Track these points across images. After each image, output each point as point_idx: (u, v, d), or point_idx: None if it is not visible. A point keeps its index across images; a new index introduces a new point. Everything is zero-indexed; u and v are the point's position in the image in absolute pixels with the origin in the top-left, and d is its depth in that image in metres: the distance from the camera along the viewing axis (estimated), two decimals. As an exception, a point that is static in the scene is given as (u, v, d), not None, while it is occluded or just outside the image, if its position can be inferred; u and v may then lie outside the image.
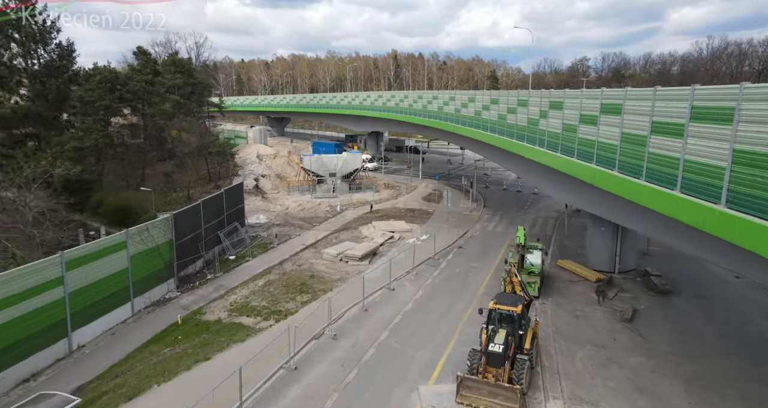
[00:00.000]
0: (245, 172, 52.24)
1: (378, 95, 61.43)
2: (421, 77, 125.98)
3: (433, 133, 48.21)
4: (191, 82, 50.33)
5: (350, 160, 48.70)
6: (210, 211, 27.65)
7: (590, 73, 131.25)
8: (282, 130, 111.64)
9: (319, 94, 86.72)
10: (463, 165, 67.28)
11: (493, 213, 40.12)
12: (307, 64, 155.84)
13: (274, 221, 37.78)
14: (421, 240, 32.39)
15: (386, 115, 58.11)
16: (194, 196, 43.57)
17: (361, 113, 68.01)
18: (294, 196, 47.32)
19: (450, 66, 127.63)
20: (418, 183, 53.11)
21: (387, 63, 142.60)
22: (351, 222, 37.41)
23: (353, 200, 45.56)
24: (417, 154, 72.71)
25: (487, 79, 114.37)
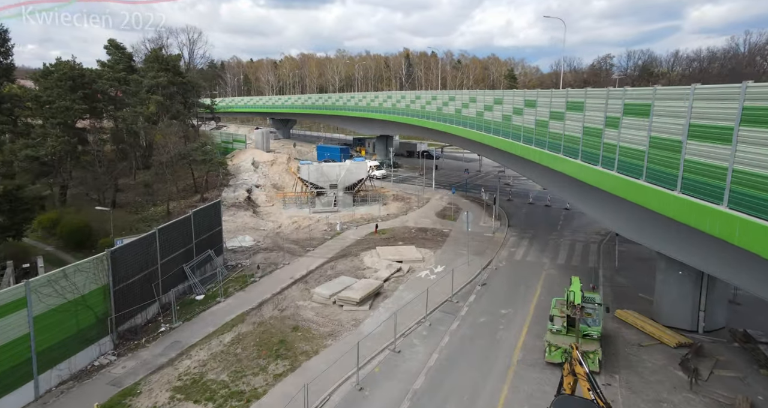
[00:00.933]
0: (237, 182, 46.76)
1: (387, 96, 55.68)
2: (434, 77, 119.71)
3: (449, 140, 42.36)
4: (178, 80, 44.99)
5: (354, 169, 42.88)
6: (171, 240, 22.05)
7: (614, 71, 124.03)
8: (287, 132, 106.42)
9: (324, 95, 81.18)
10: (481, 172, 61.05)
11: (521, 234, 33.94)
12: (316, 64, 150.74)
13: (261, 244, 32.10)
14: (435, 272, 26.43)
15: (395, 118, 52.30)
16: (175, 210, 38.23)
17: (367, 116, 62.24)
18: (290, 210, 41.65)
19: (465, 65, 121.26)
20: (431, 194, 47.10)
21: (398, 62, 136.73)
22: (352, 246, 31.58)
23: (356, 216, 39.75)
24: (430, 160, 66.84)
25: (504, 79, 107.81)
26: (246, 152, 55.91)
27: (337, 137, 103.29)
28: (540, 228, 35.46)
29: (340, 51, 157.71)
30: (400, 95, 51.30)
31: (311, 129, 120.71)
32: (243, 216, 38.16)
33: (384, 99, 56.37)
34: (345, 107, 70.11)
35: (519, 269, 27.14)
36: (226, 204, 40.66)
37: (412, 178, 56.78)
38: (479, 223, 37.09)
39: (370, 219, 38.58)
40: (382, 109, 57.12)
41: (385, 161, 66.20)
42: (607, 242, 31.43)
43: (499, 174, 51.67)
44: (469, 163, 68.06)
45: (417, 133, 52.71)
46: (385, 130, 63.14)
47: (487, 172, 61.47)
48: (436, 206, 42.60)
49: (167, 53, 49.59)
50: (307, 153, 79.04)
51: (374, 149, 78.52)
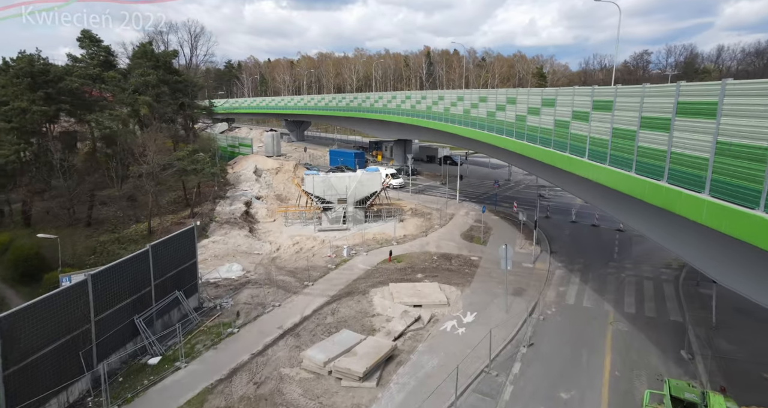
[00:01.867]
0: (235, 194, 41.50)
1: (405, 96, 49.80)
2: (456, 76, 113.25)
3: (479, 148, 36.23)
4: (172, 79, 40.00)
5: (366, 181, 37.11)
6: (115, 287, 16.63)
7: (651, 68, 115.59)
8: (301, 134, 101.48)
9: (338, 95, 75.68)
10: (510, 182, 54.54)
11: (568, 265, 27.60)
12: (333, 63, 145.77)
13: (251, 274, 26.58)
14: (464, 323, 20.43)
15: (415, 121, 46.36)
16: (160, 228, 33.12)
17: (383, 118, 56.39)
18: (292, 228, 36.14)
19: (489, 63, 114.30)
20: (455, 208, 40.99)
21: (419, 61, 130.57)
22: (360, 279, 25.79)
23: (368, 236, 33.98)
24: (453, 166, 60.64)
25: (532, 77, 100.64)
26: (249, 159, 50.73)
27: (353, 140, 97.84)
28: (591, 256, 29.00)
29: (358, 50, 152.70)
30: (420, 95, 45.36)
31: (327, 131, 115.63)
32: (236, 236, 32.76)
33: (402, 100, 50.51)
34: (360, 108, 64.46)
35: (575, 320, 20.88)
36: (219, 220, 35.42)
37: (432, 188, 50.72)
38: (515, 247, 30.83)
39: (384, 241, 32.72)
40: (400, 110, 51.26)
41: (404, 168, 60.29)
42: (685, 280, 24.83)
43: (540, 191, 45.11)
44: (495, 170, 61.61)
45: (440, 139, 46.70)
46: (403, 133, 57.23)
47: (518, 181, 54.95)
48: (462, 224, 36.47)
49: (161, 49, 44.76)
50: (320, 157, 73.77)
51: (392, 153, 72.66)
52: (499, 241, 31.91)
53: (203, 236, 32.51)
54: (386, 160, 70.33)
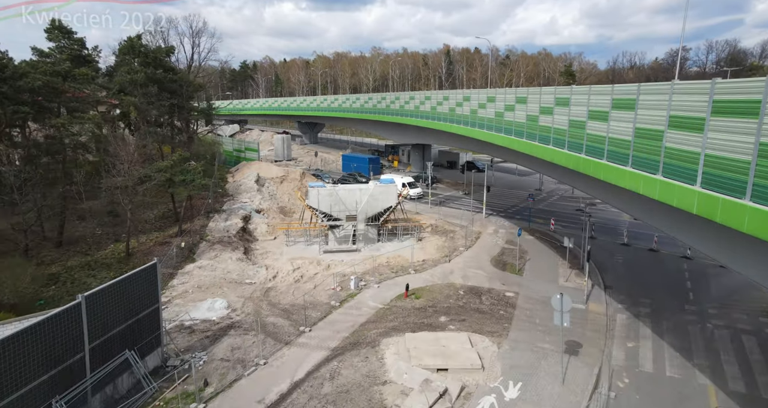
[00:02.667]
0: (233, 206, 36.86)
1: (424, 97, 44.62)
2: (478, 75, 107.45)
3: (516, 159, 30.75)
4: (166, 78, 35.65)
5: (380, 194, 32.06)
6: (19, 362, 11.88)
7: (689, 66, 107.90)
8: (315, 136, 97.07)
9: (352, 96, 70.86)
10: (542, 192, 48.79)
11: (632, 308, 22.03)
12: (349, 63, 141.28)
13: (237, 314, 21.73)
14: (506, 401, 15.15)
15: (435, 124, 41.15)
16: (142, 248, 28.64)
17: (401, 121, 51.27)
18: (294, 248, 31.33)
19: (514, 61, 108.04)
20: (482, 225, 35.63)
21: (438, 60, 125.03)
22: (369, 323, 20.73)
23: (381, 260, 28.95)
24: (476, 172, 55.19)
25: (559, 76, 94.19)
26: (251, 166, 46.10)
27: (368, 143, 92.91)
28: (659, 295, 23.32)
29: (375, 48, 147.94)
30: (441, 96, 40.11)
31: (341, 133, 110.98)
32: (227, 260, 28.02)
33: (421, 101, 45.34)
34: (375, 110, 59.44)
35: (660, 401, 15.37)
36: (210, 239, 30.79)
37: (455, 199, 45.37)
38: (558, 279, 25.38)
39: (399, 268, 27.57)
40: (418, 113, 46.08)
41: (422, 175, 55.06)
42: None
43: (580, 204, 39.36)
44: (523, 178, 55.88)
45: (465, 146, 41.37)
46: (422, 138, 52.01)
47: (550, 192, 49.17)
48: (491, 246, 31.09)
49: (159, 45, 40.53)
50: (332, 162, 69.03)
51: (409, 158, 67.47)
52: (538, 270, 26.52)
53: (189, 260, 27.89)
54: (403, 165, 65.19)
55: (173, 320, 20.34)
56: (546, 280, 25.27)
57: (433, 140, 50.32)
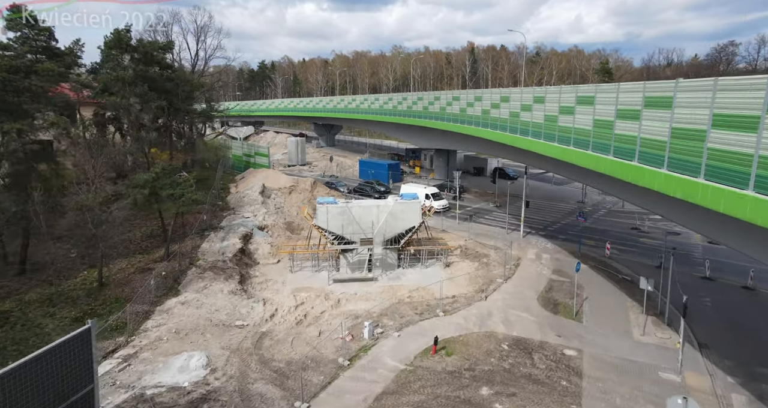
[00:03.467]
0: (233, 223, 32.28)
1: (452, 97, 39.40)
2: (505, 73, 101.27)
3: (569, 173, 25.33)
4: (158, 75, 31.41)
5: (401, 213, 27.05)
6: None
7: (737, 62, 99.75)
8: (332, 139, 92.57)
9: (371, 96, 65.93)
10: (586, 204, 42.93)
11: (749, 385, 16.43)
12: (368, 62, 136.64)
13: (215, 379, 16.94)
14: None
15: (465, 129, 35.93)
16: (114, 280, 24.27)
17: (423, 124, 46.13)
18: (299, 275, 26.62)
19: (544, 58, 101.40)
20: (521, 246, 30.28)
21: (461, 58, 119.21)
22: (387, 395, 15.74)
23: (401, 294, 23.98)
24: (505, 180, 49.65)
25: (595, 74, 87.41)
26: (258, 175, 41.51)
27: (387, 146, 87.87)
28: (770, 360, 17.61)
29: (396, 47, 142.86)
30: (473, 96, 34.83)
31: (360, 135, 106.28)
32: (217, 293, 23.37)
33: (448, 101, 40.13)
34: (395, 112, 54.41)
35: None
36: (201, 264, 26.26)
37: (485, 213, 40.00)
38: (631, 329, 19.89)
39: (425, 307, 22.48)
40: (444, 115, 40.89)
41: (447, 184, 49.80)
42: None
43: (637, 222, 33.51)
44: (560, 187, 50.01)
45: (504, 155, 35.96)
46: (449, 143, 46.74)
47: (595, 204, 43.29)
48: (535, 277, 25.70)
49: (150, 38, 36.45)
50: (349, 167, 64.29)
51: (432, 164, 62.21)
52: (601, 315, 21.07)
53: (172, 292, 23.36)
54: (425, 171, 59.91)
55: (131, 388, 15.68)
56: (615, 330, 19.81)
57: (461, 146, 45.00)
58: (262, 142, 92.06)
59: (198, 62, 45.56)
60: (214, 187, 36.52)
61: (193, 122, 38.44)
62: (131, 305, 21.03)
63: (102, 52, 29.78)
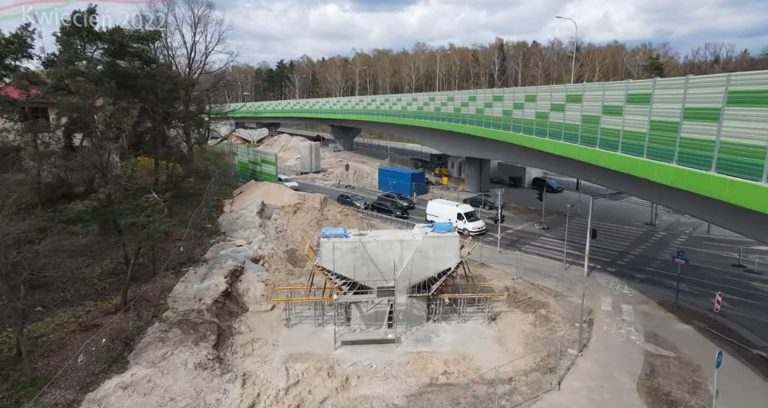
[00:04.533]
0: (219, 255, 25.77)
1: (493, 97, 32.23)
2: (539, 71, 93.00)
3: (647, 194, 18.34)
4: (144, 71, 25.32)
5: (432, 250, 20.22)
6: None
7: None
8: (350, 142, 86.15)
9: (392, 97, 59.04)
10: (656, 227, 35.09)
11: None
12: (390, 60, 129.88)
13: None
14: None
15: (508, 136, 28.75)
16: (48, 341, 17.98)
17: (454, 128, 39.03)
18: (296, 331, 20.12)
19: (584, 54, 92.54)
20: (589, 292, 22.89)
21: (489, 55, 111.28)
22: None
23: (434, 368, 17.35)
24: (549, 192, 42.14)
25: (643, 70, 78.52)
26: (257, 190, 34.94)
27: (410, 150, 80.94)
28: None
29: (419, 44, 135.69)
30: (522, 95, 27.59)
31: (380, 137, 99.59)
32: (179, 367, 16.83)
33: (486, 103, 33.02)
34: (420, 114, 47.47)
35: None
36: (168, 318, 19.92)
37: (531, 237, 32.69)
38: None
39: (470, 399, 15.47)
40: (482, 118, 33.76)
41: (481, 196, 42.56)
42: None
43: (751, 260, 25.43)
44: (618, 203, 42.08)
45: (573, 173, 28.59)
46: (484, 151, 39.54)
47: (668, 227, 35.41)
48: (623, 347, 18.39)
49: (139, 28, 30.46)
50: (367, 175, 57.67)
51: (461, 172, 55.06)
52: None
53: (118, 365, 16.94)
54: (453, 180, 52.65)
55: None
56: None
57: (500, 155, 37.69)
58: (276, 145, 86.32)
59: (196, 57, 39.51)
60: (203, 205, 30.26)
61: (188, 127, 32.49)
62: (51, 390, 14.77)
63: (58, 40, 23.98)
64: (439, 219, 35.12)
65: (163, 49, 37.75)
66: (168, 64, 31.90)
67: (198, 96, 39.53)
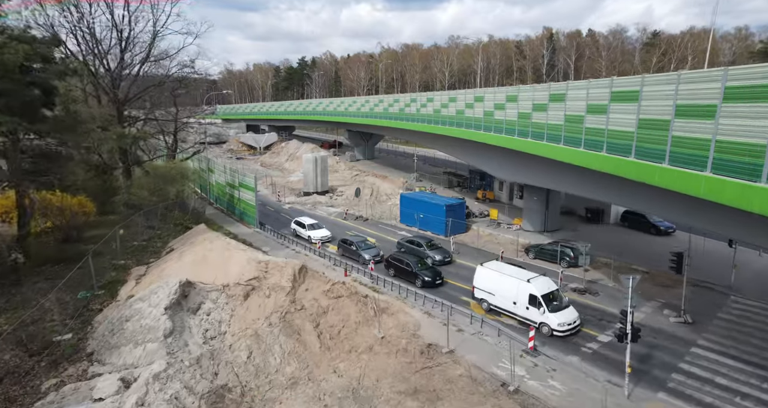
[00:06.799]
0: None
1: (590, 86, 18.01)
2: (603, 64, 76.72)
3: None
4: None
5: None
6: None
7: None
8: (370, 149, 72.64)
9: (422, 95, 44.61)
10: None
11: None
12: (419, 56, 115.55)
13: None
14: None
15: (635, 171, 14.57)
16: None
17: (519, 147, 24.43)
18: None
19: (663, 39, 75.17)
20: None
21: (536, 47, 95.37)
22: None
23: None
24: (657, 235, 27.07)
25: (750, 58, 61.44)
26: (190, 250, 20.82)
27: (442, 160, 66.54)
28: None
29: (452, 37, 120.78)
30: (656, 84, 13.55)
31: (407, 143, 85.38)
32: None
33: (581, 99, 18.81)
34: (462, 121, 33.16)
35: None
36: None
37: (668, 347, 17.88)
38: None
39: None
40: (578, 135, 19.45)
41: (556, 248, 27.89)
42: None
43: None
44: None
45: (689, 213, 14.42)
46: (562, 181, 24.88)
47: None
48: None
49: None
50: (386, 198, 44.08)
51: (511, 195, 40.77)
52: None
53: None
54: (506, 211, 37.80)
55: None
56: None
57: (595, 191, 22.98)
58: (283, 154, 73.61)
59: (132, 39, 26.75)
60: (92, 287, 17.10)
61: (72, 140, 19.93)
62: None
63: None
64: (496, 299, 21.03)
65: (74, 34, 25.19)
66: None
67: (133, 98, 26.92)
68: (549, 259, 27.47)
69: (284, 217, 37.93)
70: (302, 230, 32.20)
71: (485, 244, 31.05)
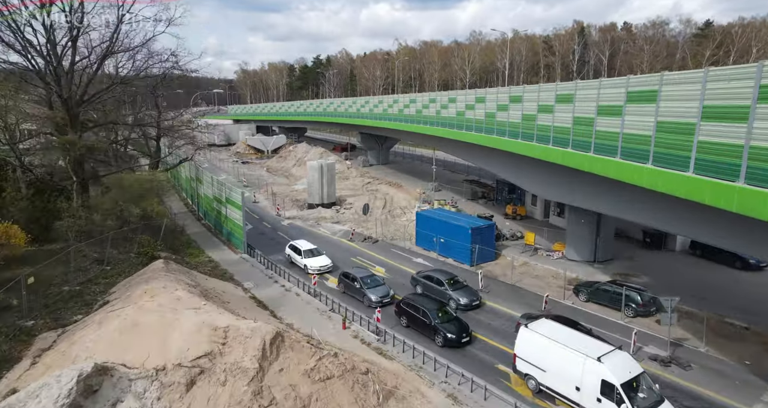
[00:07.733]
0: None
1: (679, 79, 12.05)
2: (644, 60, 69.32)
3: None
4: None
5: None
6: None
7: None
8: (385, 154, 66.91)
9: (442, 95, 38.48)
10: None
11: None
12: (439, 53, 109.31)
13: None
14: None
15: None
16: None
17: (568, 163, 18.17)
18: None
19: (709, 35, 67.21)
20: None
21: (565, 42, 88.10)
22: None
23: None
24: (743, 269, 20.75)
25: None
26: (117, 316, 15.09)
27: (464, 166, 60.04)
28: None
29: (474, 33, 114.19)
30: None
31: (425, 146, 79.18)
32: None
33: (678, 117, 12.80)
34: (490, 126, 27.03)
35: None
36: None
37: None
38: None
39: None
40: (646, 146, 13.40)
41: (615, 291, 21.67)
42: None
43: None
44: None
45: None
46: (617, 204, 18.66)
47: None
48: None
49: None
50: (401, 213, 38.44)
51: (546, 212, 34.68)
52: None
53: None
54: (544, 235, 31.39)
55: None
56: None
57: (677, 224, 16.73)
58: (291, 158, 68.38)
59: (83, 18, 21.59)
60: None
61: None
62: None
63: None
64: (548, 378, 15.07)
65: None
66: None
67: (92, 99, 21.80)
68: (607, 304, 21.34)
69: (281, 237, 32.47)
70: (297, 258, 26.67)
71: (521, 278, 24.97)
